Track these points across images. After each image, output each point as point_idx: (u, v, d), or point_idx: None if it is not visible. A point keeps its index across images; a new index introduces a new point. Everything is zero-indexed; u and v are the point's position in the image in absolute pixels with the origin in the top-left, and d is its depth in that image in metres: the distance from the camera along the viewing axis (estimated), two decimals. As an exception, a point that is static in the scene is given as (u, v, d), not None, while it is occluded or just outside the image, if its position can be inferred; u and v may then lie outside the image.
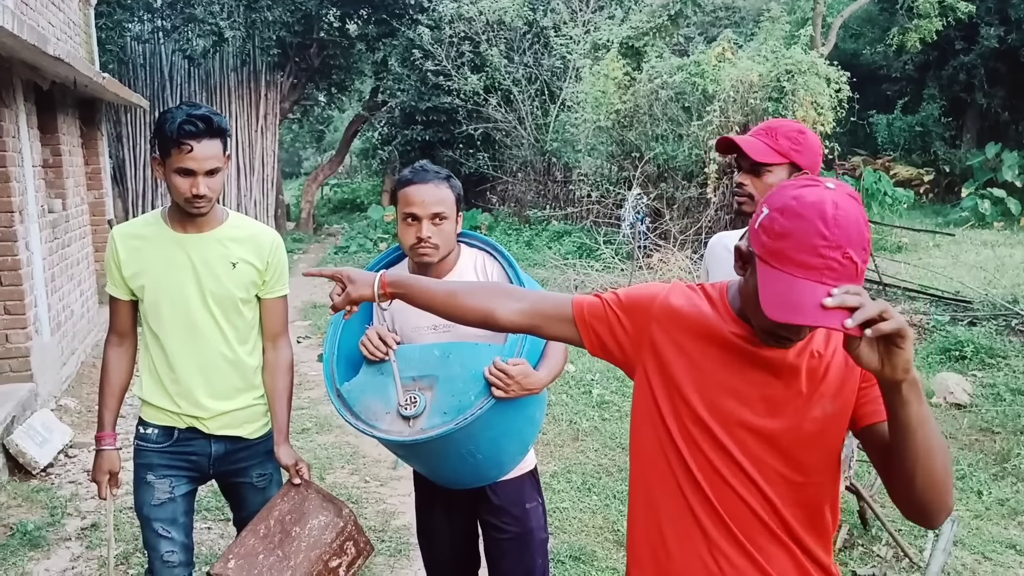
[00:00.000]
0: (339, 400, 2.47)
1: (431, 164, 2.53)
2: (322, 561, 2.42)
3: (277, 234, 2.64)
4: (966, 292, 8.77)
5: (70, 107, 7.87)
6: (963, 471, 4.68)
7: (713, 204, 10.52)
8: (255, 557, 2.40)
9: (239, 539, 2.47)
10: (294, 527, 2.46)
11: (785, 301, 1.31)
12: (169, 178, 2.38)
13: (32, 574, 3.75)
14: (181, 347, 2.52)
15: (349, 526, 2.49)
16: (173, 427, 2.55)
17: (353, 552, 2.52)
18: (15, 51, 5.15)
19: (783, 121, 2.26)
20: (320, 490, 2.54)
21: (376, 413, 2.41)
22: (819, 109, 9.87)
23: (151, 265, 2.49)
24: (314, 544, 2.43)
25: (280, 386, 2.61)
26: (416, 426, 2.35)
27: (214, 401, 2.54)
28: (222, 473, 2.65)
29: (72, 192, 7.68)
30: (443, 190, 2.45)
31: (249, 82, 16.86)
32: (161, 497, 2.55)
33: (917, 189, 17.99)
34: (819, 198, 1.33)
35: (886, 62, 20.04)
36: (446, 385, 2.36)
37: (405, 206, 2.43)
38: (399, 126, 17.15)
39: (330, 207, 23.54)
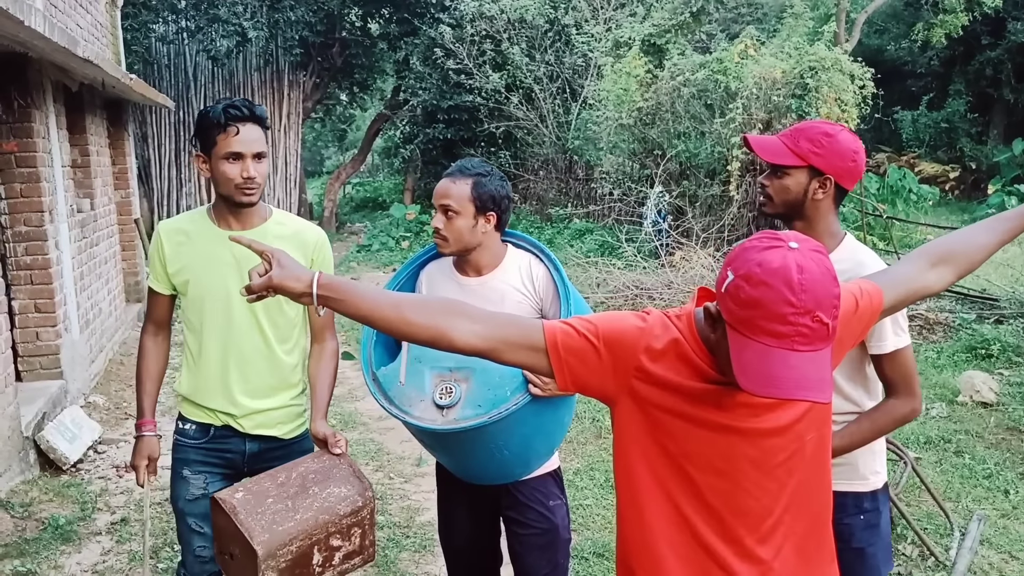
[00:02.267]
0: (374, 384, 2.48)
1: (475, 161, 2.59)
2: (326, 530, 2.33)
3: (322, 231, 2.65)
4: (992, 290, 8.67)
5: (98, 108, 7.98)
6: (990, 470, 4.64)
7: (736, 202, 10.47)
8: (264, 498, 2.30)
9: (256, 478, 2.41)
10: (313, 486, 2.37)
11: (760, 372, 1.31)
12: (217, 168, 2.40)
13: (64, 567, 3.81)
14: (219, 343, 2.53)
15: (366, 511, 2.41)
16: (210, 424, 2.58)
17: (356, 544, 2.42)
18: (45, 53, 5.23)
19: (815, 123, 2.20)
20: (353, 464, 2.47)
21: (410, 399, 2.43)
22: (843, 106, 9.79)
23: (195, 261, 2.50)
24: (326, 510, 2.33)
25: (324, 371, 2.62)
26: (450, 416, 2.37)
27: (249, 399, 2.56)
28: (256, 471, 2.65)
29: (100, 192, 7.79)
30: (460, 186, 2.48)
31: (272, 82, 17.00)
32: (195, 493, 2.58)
33: (943, 186, 17.81)
34: (783, 263, 1.32)
35: (911, 58, 19.86)
36: (482, 378, 2.36)
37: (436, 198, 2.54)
38: (421, 125, 17.20)
39: (352, 205, 23.65)
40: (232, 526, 2.21)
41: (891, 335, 2.13)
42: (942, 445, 5.03)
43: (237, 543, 2.22)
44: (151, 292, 2.61)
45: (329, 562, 2.33)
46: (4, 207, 5.58)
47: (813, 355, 1.31)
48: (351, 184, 24.36)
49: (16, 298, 5.65)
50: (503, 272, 2.56)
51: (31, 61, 5.47)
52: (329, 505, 2.31)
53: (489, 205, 2.50)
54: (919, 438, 5.10)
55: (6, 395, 4.62)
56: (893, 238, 10.23)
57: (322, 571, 2.32)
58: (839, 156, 2.13)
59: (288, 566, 2.22)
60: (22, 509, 4.32)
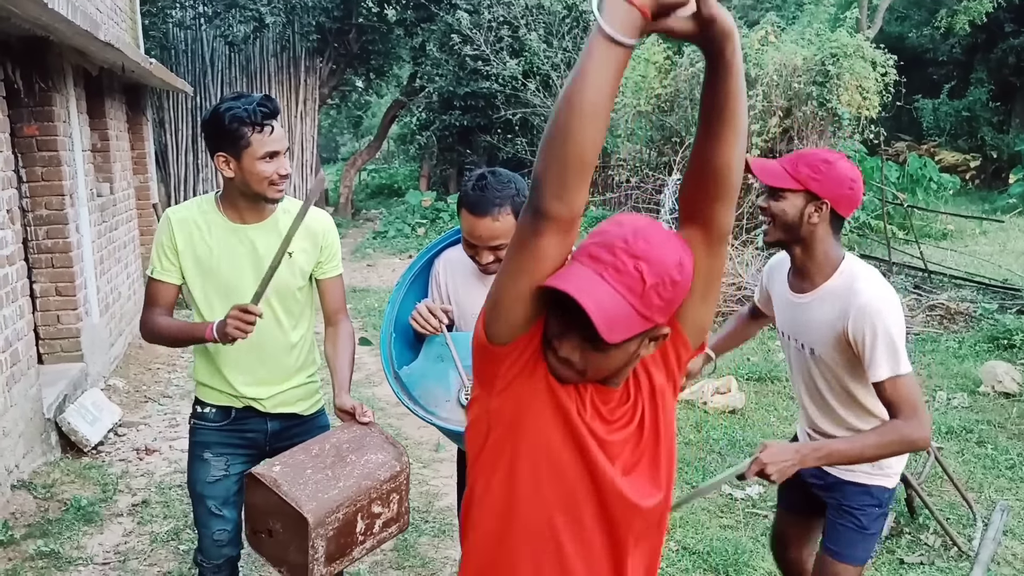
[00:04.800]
0: (397, 384, 2.45)
1: (495, 179, 2.31)
2: (369, 496, 2.31)
3: (328, 215, 2.65)
4: (1014, 280, 8.59)
5: (117, 92, 7.99)
6: (1012, 460, 4.60)
7: (755, 190, 10.39)
8: (303, 469, 2.28)
9: (288, 452, 2.38)
10: (350, 454, 2.36)
11: (561, 275, 1.31)
12: (251, 168, 2.36)
13: (87, 548, 3.84)
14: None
15: (403, 476, 2.40)
16: (230, 407, 2.58)
17: (395, 511, 2.41)
18: (67, 36, 5.24)
19: (817, 151, 2.24)
20: (384, 432, 2.47)
21: (436, 400, 2.41)
22: (864, 93, 9.70)
23: (210, 254, 2.47)
24: (367, 475, 2.31)
25: (343, 352, 2.61)
26: None
27: (270, 384, 2.56)
28: (277, 449, 2.64)
29: (119, 176, 7.81)
30: (503, 220, 2.28)
31: (289, 68, 16.97)
32: (216, 475, 2.57)
33: (963, 175, 17.62)
34: (647, 222, 1.36)
35: (932, 45, 19.62)
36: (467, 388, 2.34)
37: (466, 231, 2.35)
38: (437, 111, 17.16)
39: (368, 192, 23.66)
40: (274, 499, 2.19)
41: (884, 362, 2.11)
42: (964, 435, 4.99)
43: (280, 517, 2.20)
44: (156, 283, 2.51)
45: (371, 529, 2.34)
46: (25, 191, 5.60)
47: (614, 291, 1.30)
48: (366, 171, 24.35)
49: (37, 281, 5.68)
50: None
51: (52, 45, 5.48)
52: (369, 471, 2.31)
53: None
54: (940, 428, 5.06)
55: (28, 377, 4.65)
56: (913, 227, 10.14)
57: (364, 539, 2.32)
58: (836, 183, 2.17)
59: (335, 534, 2.22)
60: (44, 490, 4.35)
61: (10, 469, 4.27)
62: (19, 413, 4.45)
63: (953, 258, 9.91)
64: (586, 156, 1.24)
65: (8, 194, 4.57)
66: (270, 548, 2.28)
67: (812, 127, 9.84)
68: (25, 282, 4.83)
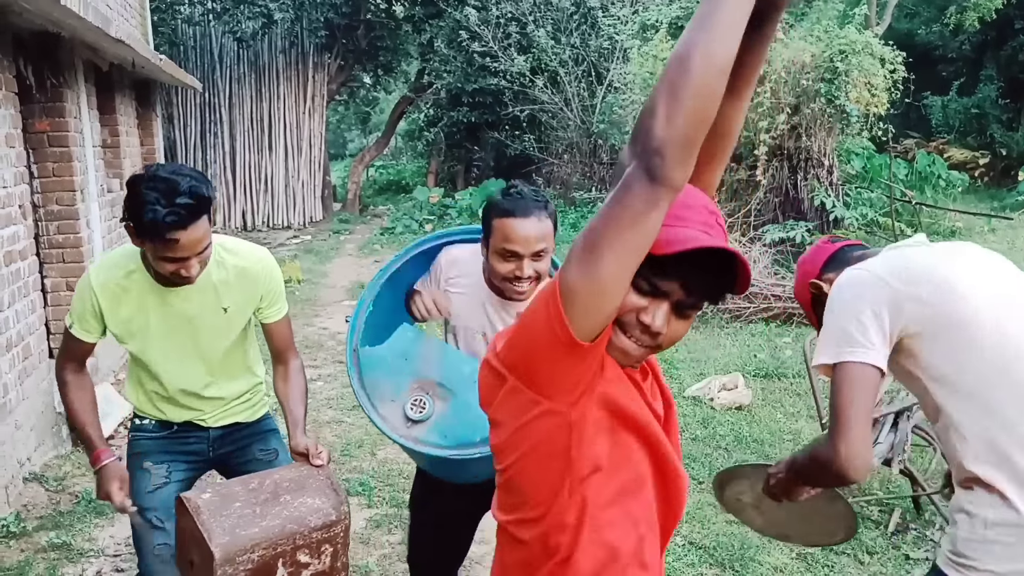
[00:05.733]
0: (353, 357, 2.38)
1: (527, 188, 2.25)
2: (293, 542, 2.16)
3: (267, 257, 2.50)
4: None
5: (127, 88, 8.03)
6: (1020, 458, 4.61)
7: (763, 187, 10.37)
8: (232, 502, 2.16)
9: (226, 482, 2.33)
10: (286, 495, 2.23)
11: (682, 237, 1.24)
12: (150, 255, 2.22)
13: (98, 540, 3.88)
14: (176, 378, 2.45)
15: (339, 527, 2.24)
16: (171, 421, 2.53)
17: (327, 564, 2.23)
18: (78, 32, 5.27)
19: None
20: (332, 477, 2.35)
21: (382, 394, 2.34)
22: (873, 90, 9.66)
23: (136, 319, 2.35)
24: (295, 520, 2.17)
25: (294, 388, 2.54)
26: (413, 431, 2.27)
27: (213, 405, 2.53)
28: (223, 456, 2.62)
29: (128, 172, 7.84)
30: (545, 223, 2.21)
31: (297, 64, 17.01)
32: (157, 483, 2.47)
33: (972, 172, 17.56)
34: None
35: (942, 42, 19.53)
36: (459, 409, 2.25)
37: (504, 241, 2.18)
38: (445, 108, 17.18)
39: (375, 188, 23.70)
40: (193, 526, 2.09)
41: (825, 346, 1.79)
42: None
43: (197, 547, 2.10)
44: (74, 337, 2.38)
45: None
46: (37, 186, 5.64)
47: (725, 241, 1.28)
48: (374, 167, 24.39)
49: (48, 276, 5.72)
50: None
51: (63, 41, 5.51)
52: (300, 515, 2.17)
53: (556, 230, 2.27)
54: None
55: (40, 371, 4.69)
56: (921, 224, 10.12)
57: None
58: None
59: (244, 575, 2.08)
60: (56, 483, 4.39)
61: (22, 462, 4.31)
62: (31, 407, 4.49)
63: (962, 256, 9.88)
64: (712, 116, 1.14)
65: (20, 189, 4.61)
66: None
67: (820, 124, 9.81)
68: (37, 277, 4.87)
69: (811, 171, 10.21)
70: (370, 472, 4.61)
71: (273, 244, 13.93)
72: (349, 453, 4.92)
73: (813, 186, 9.99)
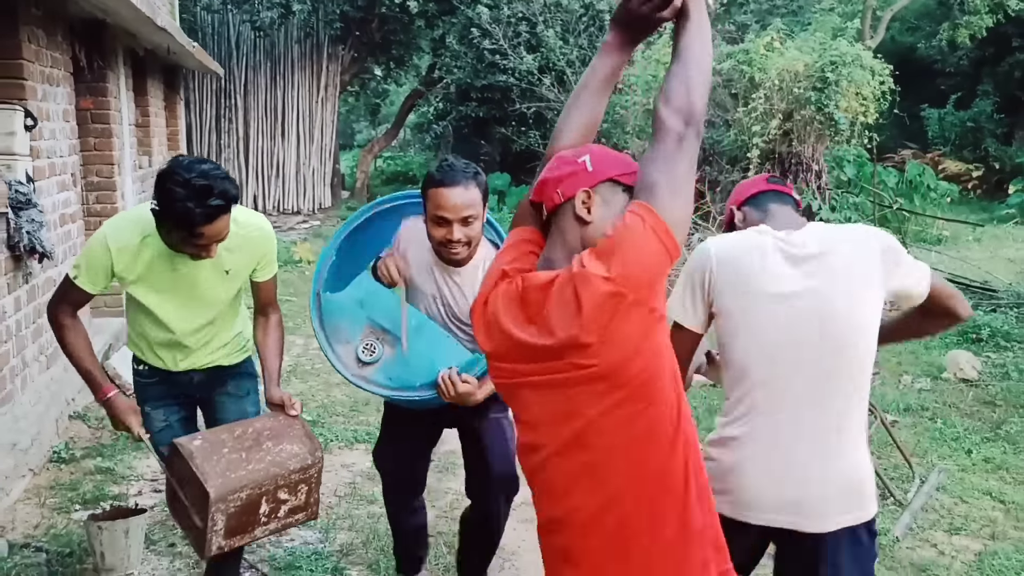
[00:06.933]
0: (316, 303, 2.68)
1: (458, 160, 2.57)
2: (275, 483, 2.48)
3: (265, 224, 2.74)
4: (995, 283, 9.06)
5: (157, 72, 8.56)
6: (958, 434, 5.12)
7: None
8: (220, 448, 2.46)
9: (213, 430, 2.59)
10: (267, 442, 2.54)
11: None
12: (171, 236, 2.45)
13: (136, 468, 4.40)
14: (175, 323, 2.66)
15: (314, 470, 2.58)
16: (165, 369, 2.77)
17: (302, 500, 2.58)
18: (123, 20, 5.80)
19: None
20: (306, 426, 2.67)
21: (339, 336, 2.64)
22: (862, 100, 10.17)
23: (146, 277, 2.56)
24: (277, 464, 2.50)
25: (272, 342, 2.79)
26: (363, 371, 2.60)
27: (202, 351, 2.77)
28: (205, 397, 2.86)
29: (156, 151, 8.37)
30: (472, 191, 2.48)
31: (312, 54, 17.49)
32: (159, 425, 2.76)
33: (966, 184, 18.04)
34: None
35: (941, 57, 20.01)
36: (404, 357, 2.55)
37: (436, 208, 2.48)
38: (454, 102, 17.65)
39: (383, 178, 24.17)
40: (188, 470, 2.39)
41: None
42: (920, 412, 5.51)
43: (191, 487, 2.40)
44: (76, 287, 2.55)
45: (275, 513, 2.52)
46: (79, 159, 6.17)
47: None
48: (382, 157, 24.86)
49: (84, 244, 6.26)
50: (473, 266, 2.65)
51: (108, 27, 6.04)
52: (281, 460, 2.51)
53: (488, 198, 2.56)
54: (899, 405, 5.59)
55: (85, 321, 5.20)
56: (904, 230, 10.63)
57: (268, 521, 2.52)
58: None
59: (236, 512, 2.41)
60: (96, 421, 4.92)
61: (68, 401, 4.84)
62: (75, 354, 5.02)
63: (944, 262, 10.37)
64: None
65: (72, 159, 5.14)
66: (180, 513, 2.50)
67: (810, 130, 10.32)
68: (83, 238, 5.39)
69: (801, 175, 10.72)
70: (375, 425, 5.12)
71: (283, 228, 14.44)
72: (357, 410, 5.46)
73: (802, 189, 10.49)
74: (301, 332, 7.46)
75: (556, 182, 1.67)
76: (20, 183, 3.92)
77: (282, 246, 11.66)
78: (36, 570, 3.26)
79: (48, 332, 4.48)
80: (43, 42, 4.56)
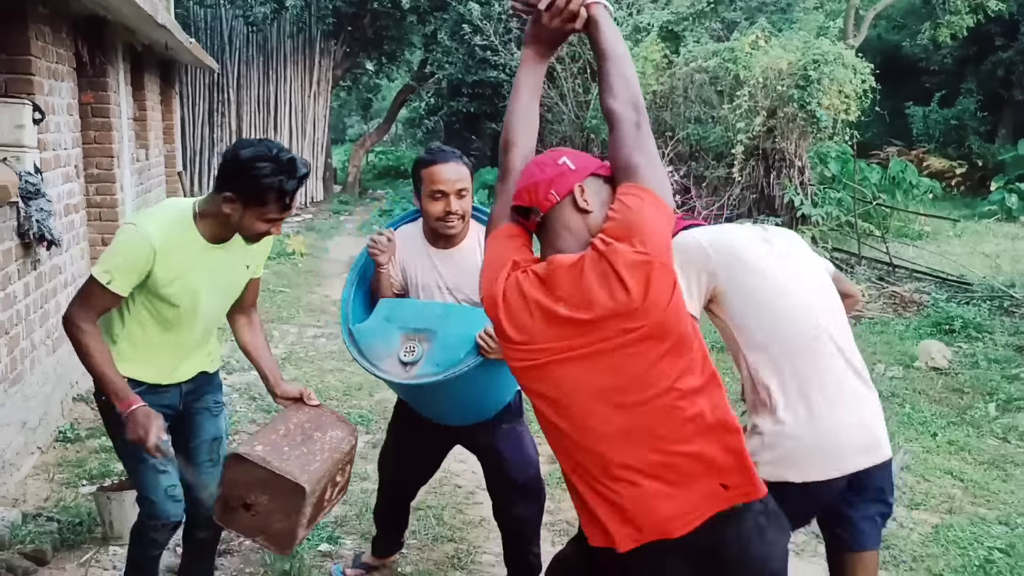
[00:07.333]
0: (350, 338, 2.83)
1: (445, 145, 2.88)
2: (338, 468, 2.55)
3: None
4: (970, 276, 9.32)
5: (154, 67, 8.73)
6: (925, 418, 5.36)
7: (739, 184, 11.11)
8: (280, 448, 2.48)
9: (259, 434, 2.55)
10: (315, 432, 2.59)
11: None
12: (251, 223, 2.45)
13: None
14: (202, 326, 2.65)
15: (354, 450, 2.66)
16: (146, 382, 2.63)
17: (345, 478, 2.66)
18: (125, 17, 5.98)
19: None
20: (334, 411, 2.77)
21: (379, 355, 2.75)
22: (844, 98, 10.39)
23: (182, 275, 2.51)
24: (334, 449, 2.56)
25: (262, 341, 2.85)
26: (411, 372, 2.71)
27: (201, 357, 2.77)
28: (188, 406, 2.78)
29: (153, 144, 8.56)
30: (462, 168, 2.75)
31: (304, 49, 17.63)
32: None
33: (949, 181, 18.33)
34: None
35: (926, 55, 20.30)
36: (442, 341, 2.69)
37: (432, 184, 2.73)
38: (446, 97, 17.81)
39: (375, 172, 24.35)
40: (265, 474, 2.39)
41: None
42: (890, 398, 5.74)
43: (266, 490, 2.41)
44: (105, 290, 2.42)
45: (332, 495, 2.63)
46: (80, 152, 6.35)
47: None
48: (374, 152, 25.04)
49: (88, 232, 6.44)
50: (468, 245, 2.84)
51: (108, 24, 6.22)
52: (335, 445, 2.60)
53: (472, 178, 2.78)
54: (871, 392, 5.82)
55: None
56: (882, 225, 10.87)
57: (328, 505, 2.62)
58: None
59: (316, 501, 2.48)
60: (99, 404, 5.11)
61: (72, 384, 5.03)
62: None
63: (924, 257, 10.63)
64: None
65: (76, 151, 5.32)
66: (246, 521, 2.48)
67: (793, 127, 10.55)
68: (86, 228, 5.58)
69: (784, 171, 10.96)
70: (368, 408, 5.36)
71: (277, 221, 14.60)
72: (350, 395, 5.67)
73: (784, 184, 10.73)
74: (295, 322, 7.68)
75: (547, 184, 1.86)
76: (29, 174, 4.10)
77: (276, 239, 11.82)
78: (49, 537, 3.45)
79: (55, 317, 4.68)
80: (49, 39, 4.74)
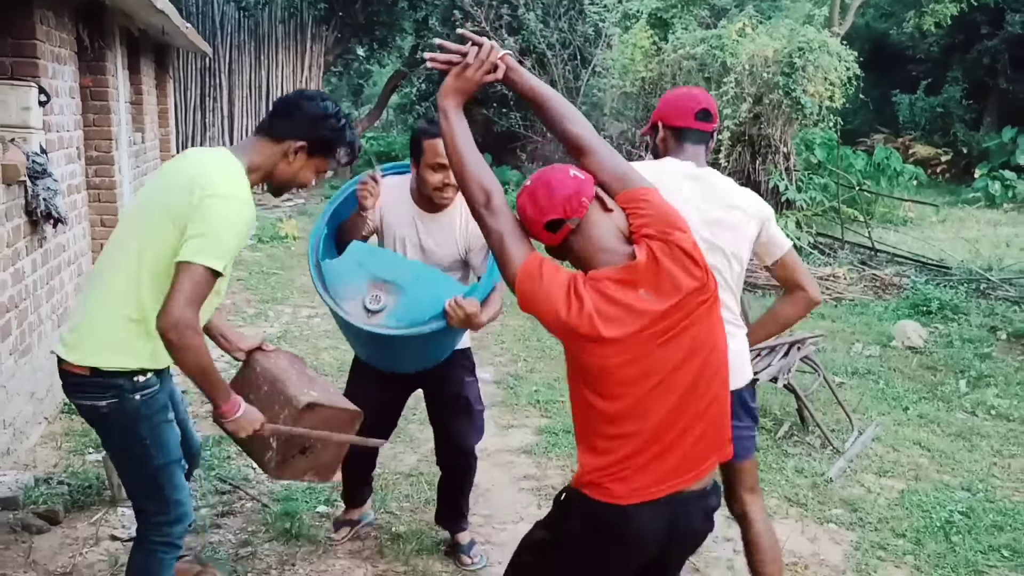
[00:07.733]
0: (317, 271, 2.89)
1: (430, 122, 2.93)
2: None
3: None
4: (950, 261, 9.55)
5: (150, 52, 8.84)
6: (898, 393, 5.59)
7: (725, 169, 11.28)
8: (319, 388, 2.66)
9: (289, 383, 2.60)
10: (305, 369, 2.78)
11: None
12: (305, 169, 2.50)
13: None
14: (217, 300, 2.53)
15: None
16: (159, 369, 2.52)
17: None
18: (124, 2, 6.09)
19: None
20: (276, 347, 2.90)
21: (343, 296, 2.83)
22: (829, 85, 10.59)
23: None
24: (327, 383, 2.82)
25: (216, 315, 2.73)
26: (373, 320, 2.81)
27: None
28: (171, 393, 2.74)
29: (149, 128, 8.68)
30: None
31: (296, 34, 17.70)
32: (177, 431, 2.62)
33: (935, 168, 18.59)
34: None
35: (912, 43, 20.50)
36: (409, 301, 2.80)
37: (435, 156, 2.85)
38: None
39: (365, 158, 24.42)
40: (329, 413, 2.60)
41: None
42: (866, 375, 5.97)
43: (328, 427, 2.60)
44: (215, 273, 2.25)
45: None
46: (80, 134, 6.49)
47: None
48: (365, 138, 25.10)
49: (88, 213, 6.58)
50: (457, 209, 2.98)
51: (107, 8, 6.34)
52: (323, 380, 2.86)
53: None
54: (847, 369, 6.05)
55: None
56: (864, 210, 11.09)
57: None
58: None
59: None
60: (102, 379, 5.27)
61: (76, 359, 5.19)
62: (81, 316, 5.37)
63: (907, 242, 10.86)
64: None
65: (77, 134, 5.46)
66: (300, 465, 2.62)
67: (779, 114, 10.73)
68: (87, 208, 5.73)
69: (770, 157, 11.15)
70: (362, 384, 5.54)
71: (268, 205, 14.70)
72: (344, 370, 5.81)
73: (770, 170, 10.92)
74: (289, 303, 7.85)
75: (577, 193, 2.00)
76: (36, 154, 4.25)
77: (268, 223, 11.99)
78: (60, 499, 3.63)
79: (60, 292, 4.84)
80: (52, 23, 4.88)
